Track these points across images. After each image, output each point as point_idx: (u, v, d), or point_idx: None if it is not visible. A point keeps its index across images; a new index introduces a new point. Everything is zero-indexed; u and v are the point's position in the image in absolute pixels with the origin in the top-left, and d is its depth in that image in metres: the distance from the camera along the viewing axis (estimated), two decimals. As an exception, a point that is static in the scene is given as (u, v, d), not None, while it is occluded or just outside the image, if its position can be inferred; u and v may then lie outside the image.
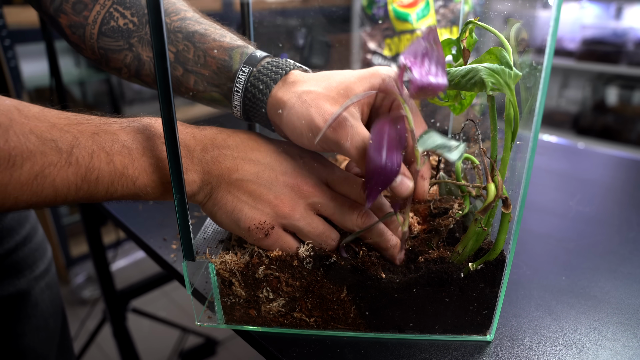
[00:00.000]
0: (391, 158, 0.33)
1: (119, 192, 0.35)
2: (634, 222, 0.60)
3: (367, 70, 0.39)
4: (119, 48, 0.45)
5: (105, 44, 0.45)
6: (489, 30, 0.37)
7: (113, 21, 0.45)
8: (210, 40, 0.43)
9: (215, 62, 0.42)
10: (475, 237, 0.37)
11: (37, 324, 0.56)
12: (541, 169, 0.78)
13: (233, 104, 0.42)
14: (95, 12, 0.45)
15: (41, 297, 0.57)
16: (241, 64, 0.41)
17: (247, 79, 0.41)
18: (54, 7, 0.45)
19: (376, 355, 0.38)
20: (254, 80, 0.40)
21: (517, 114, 0.34)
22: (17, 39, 1.44)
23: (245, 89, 0.41)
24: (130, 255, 1.95)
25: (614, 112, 2.24)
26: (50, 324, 0.59)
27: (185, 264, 0.39)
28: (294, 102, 0.38)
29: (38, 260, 0.58)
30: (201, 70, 0.43)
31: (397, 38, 0.81)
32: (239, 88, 0.41)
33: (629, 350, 0.39)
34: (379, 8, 0.82)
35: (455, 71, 0.35)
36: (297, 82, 0.39)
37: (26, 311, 0.55)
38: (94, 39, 0.45)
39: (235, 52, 0.42)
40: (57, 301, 0.61)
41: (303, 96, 0.38)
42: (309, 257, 0.38)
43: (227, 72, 0.42)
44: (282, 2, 0.98)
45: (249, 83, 0.41)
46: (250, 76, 0.41)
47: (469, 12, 0.76)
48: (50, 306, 0.59)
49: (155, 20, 0.30)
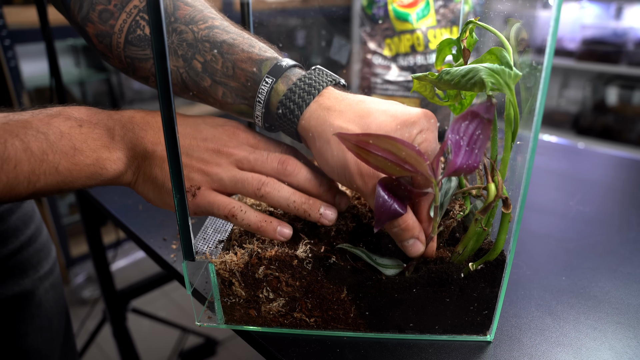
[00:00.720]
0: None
1: (42, 181, 0.34)
2: (634, 222, 0.60)
3: (409, 117, 0.36)
4: (146, 57, 0.45)
5: (132, 52, 0.44)
6: (489, 30, 0.37)
7: (139, 30, 0.44)
8: (239, 52, 0.41)
9: (244, 74, 0.41)
10: (476, 237, 0.37)
11: (40, 324, 0.56)
12: (541, 169, 0.78)
13: (255, 114, 0.41)
14: (122, 20, 0.44)
15: (45, 298, 0.57)
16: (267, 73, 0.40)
17: (270, 91, 0.40)
18: (82, 16, 0.44)
19: (376, 355, 0.38)
20: (285, 100, 0.39)
21: (517, 114, 0.34)
22: (17, 39, 1.44)
23: (271, 103, 0.40)
24: (130, 255, 1.95)
25: (614, 112, 2.24)
26: (54, 324, 0.59)
27: (185, 264, 0.39)
28: (329, 137, 0.37)
29: (42, 261, 0.58)
30: (230, 82, 0.42)
31: (397, 38, 0.81)
32: (261, 99, 0.40)
33: (629, 350, 0.39)
34: (379, 8, 0.82)
35: (455, 71, 0.35)
36: (333, 111, 0.37)
37: (30, 311, 0.55)
38: (120, 48, 0.44)
39: (264, 64, 0.41)
40: (61, 301, 0.61)
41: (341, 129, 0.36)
42: (308, 257, 0.38)
43: (256, 85, 0.41)
44: (282, 2, 0.98)
45: (280, 104, 0.39)
46: (272, 90, 0.39)
47: (469, 12, 0.76)
48: (54, 306, 0.59)
49: (155, 20, 0.30)
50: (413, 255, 0.37)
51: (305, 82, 0.39)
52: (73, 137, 0.35)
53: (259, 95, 0.40)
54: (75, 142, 0.35)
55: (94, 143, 0.36)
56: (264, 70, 0.40)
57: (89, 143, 0.36)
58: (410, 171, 0.32)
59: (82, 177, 0.36)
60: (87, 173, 0.36)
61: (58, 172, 0.34)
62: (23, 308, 0.54)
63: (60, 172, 0.34)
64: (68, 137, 0.35)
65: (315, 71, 0.40)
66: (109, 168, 0.36)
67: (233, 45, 0.41)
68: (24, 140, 0.33)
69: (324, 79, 0.39)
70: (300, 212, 0.38)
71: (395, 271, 0.38)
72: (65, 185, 0.35)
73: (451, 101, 0.45)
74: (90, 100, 1.89)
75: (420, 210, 0.38)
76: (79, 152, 0.35)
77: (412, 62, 0.81)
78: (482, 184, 0.39)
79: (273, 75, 0.39)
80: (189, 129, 0.40)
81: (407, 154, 0.32)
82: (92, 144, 0.36)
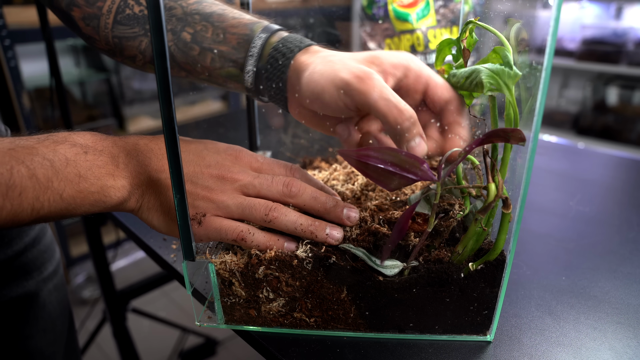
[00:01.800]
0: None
1: (46, 208, 0.34)
2: (634, 222, 0.60)
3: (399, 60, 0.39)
4: (134, 35, 0.46)
5: (120, 32, 0.46)
6: (489, 30, 0.37)
7: (128, 9, 0.45)
8: (230, 19, 0.44)
9: (236, 37, 0.43)
10: (476, 237, 0.37)
11: (44, 325, 0.56)
12: (541, 169, 0.78)
13: (246, 69, 0.42)
14: (110, 1, 0.45)
15: (49, 299, 0.57)
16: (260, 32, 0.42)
17: (264, 44, 0.42)
18: (66, 1, 0.45)
19: (376, 355, 0.38)
20: (279, 46, 0.41)
21: (516, 114, 0.34)
22: (17, 39, 1.44)
23: (263, 55, 0.42)
24: (130, 255, 1.95)
25: (614, 112, 2.24)
26: (58, 326, 0.59)
27: (185, 264, 0.39)
28: (318, 62, 0.39)
29: (47, 262, 0.57)
30: (219, 47, 0.43)
31: (397, 38, 0.81)
32: (254, 52, 0.42)
33: (629, 351, 0.39)
34: (379, 8, 0.82)
35: (460, 72, 0.35)
36: (321, 51, 0.41)
37: (34, 313, 0.55)
38: (108, 29, 0.45)
39: (257, 25, 0.43)
40: (64, 302, 0.61)
41: (328, 57, 0.39)
42: (308, 257, 0.38)
43: (247, 44, 0.43)
44: (282, 2, 0.98)
45: (273, 50, 0.42)
46: (266, 43, 0.42)
47: (469, 12, 0.76)
48: (57, 308, 0.58)
49: (155, 20, 0.30)
50: (420, 155, 0.36)
51: (294, 37, 0.42)
52: (78, 164, 0.35)
53: (252, 49, 0.42)
54: (80, 169, 0.35)
55: (99, 171, 0.36)
56: (257, 30, 0.43)
57: (94, 171, 0.35)
58: (413, 179, 0.33)
59: (85, 204, 0.35)
60: (91, 200, 0.35)
61: (62, 199, 0.34)
62: (27, 310, 0.54)
63: (65, 199, 0.34)
64: (73, 165, 0.35)
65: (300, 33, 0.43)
66: (112, 196, 0.36)
67: (223, 14, 0.44)
68: (30, 167, 0.33)
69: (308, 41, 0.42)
70: (307, 235, 0.39)
71: (395, 271, 0.38)
72: (68, 212, 0.35)
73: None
74: (90, 100, 1.89)
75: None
76: (83, 179, 0.35)
77: (412, 62, 0.81)
78: (482, 184, 0.39)
79: (267, 32, 0.42)
80: (192, 156, 0.39)
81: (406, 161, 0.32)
82: (97, 171, 0.35)
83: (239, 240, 0.38)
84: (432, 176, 0.33)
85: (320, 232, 0.38)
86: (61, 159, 0.34)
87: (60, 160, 0.34)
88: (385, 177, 0.34)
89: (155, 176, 0.38)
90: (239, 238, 0.38)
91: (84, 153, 0.35)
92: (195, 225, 0.38)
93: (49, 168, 0.33)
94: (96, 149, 0.36)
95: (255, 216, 0.38)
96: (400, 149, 0.34)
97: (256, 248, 0.39)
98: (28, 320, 0.54)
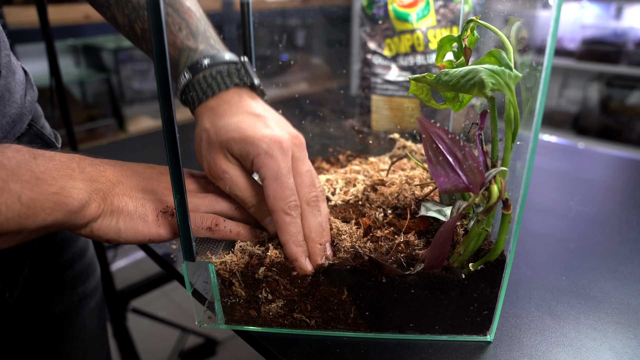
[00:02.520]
0: None
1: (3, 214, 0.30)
2: (634, 222, 0.60)
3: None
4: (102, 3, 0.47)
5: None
6: (489, 28, 0.37)
7: None
8: (169, 32, 0.44)
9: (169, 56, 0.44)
10: (476, 238, 0.37)
11: (84, 348, 0.54)
12: (541, 169, 0.78)
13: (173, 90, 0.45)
14: None
15: (90, 318, 0.55)
16: (185, 67, 0.44)
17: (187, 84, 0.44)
18: None
19: (376, 355, 0.38)
20: (190, 88, 0.44)
21: (517, 114, 0.34)
22: (17, 39, 1.44)
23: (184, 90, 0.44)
24: (130, 255, 1.95)
25: (614, 112, 2.24)
26: (97, 347, 0.56)
27: (186, 264, 0.39)
28: (198, 129, 0.43)
29: (90, 277, 0.56)
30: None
31: (397, 38, 0.81)
32: (179, 87, 0.45)
33: (629, 351, 0.39)
34: (379, 8, 0.82)
35: (454, 72, 0.35)
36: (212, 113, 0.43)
37: (74, 334, 0.53)
38: None
39: (182, 54, 0.45)
40: (103, 322, 0.59)
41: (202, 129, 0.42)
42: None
43: (173, 66, 0.45)
44: (282, 2, 0.98)
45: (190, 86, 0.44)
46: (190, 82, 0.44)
47: (469, 12, 0.76)
48: (98, 328, 0.57)
49: (155, 20, 0.30)
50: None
51: (207, 80, 0.43)
52: (32, 166, 0.32)
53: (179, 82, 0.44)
54: (35, 171, 0.32)
55: (57, 172, 0.33)
56: (182, 59, 0.44)
57: (52, 172, 0.33)
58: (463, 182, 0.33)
59: (45, 209, 0.32)
60: (51, 203, 0.32)
61: (21, 202, 0.30)
62: (67, 330, 0.52)
63: (24, 202, 0.31)
64: (27, 166, 0.32)
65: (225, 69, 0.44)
66: (75, 196, 0.33)
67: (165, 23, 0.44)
68: None
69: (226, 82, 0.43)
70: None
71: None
72: (25, 219, 0.31)
73: (448, 103, 0.45)
74: (90, 100, 1.89)
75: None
76: (41, 181, 0.32)
77: (412, 62, 0.81)
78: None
79: (192, 72, 0.44)
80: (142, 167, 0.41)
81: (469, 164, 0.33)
82: (55, 173, 0.33)
83: (212, 227, 0.40)
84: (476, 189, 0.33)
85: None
86: (12, 161, 0.31)
87: (11, 162, 0.31)
88: (440, 166, 0.34)
89: (116, 180, 0.38)
90: (213, 224, 0.40)
91: (33, 158, 0.33)
92: (169, 217, 0.39)
93: (1, 169, 0.30)
94: (44, 155, 0.34)
95: (221, 203, 0.42)
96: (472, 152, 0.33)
97: (228, 235, 0.41)
98: (67, 342, 0.52)
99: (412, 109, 0.82)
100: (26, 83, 0.46)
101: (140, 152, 0.88)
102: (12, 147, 0.32)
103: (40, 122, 0.49)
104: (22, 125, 0.45)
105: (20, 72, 0.45)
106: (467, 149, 0.33)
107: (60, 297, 0.51)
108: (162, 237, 0.38)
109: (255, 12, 0.58)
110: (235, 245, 0.41)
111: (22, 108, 0.44)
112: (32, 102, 0.47)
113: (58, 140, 0.52)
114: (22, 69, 0.47)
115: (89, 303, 0.55)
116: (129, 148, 0.91)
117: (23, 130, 0.45)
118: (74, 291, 0.53)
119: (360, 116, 0.88)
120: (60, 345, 0.51)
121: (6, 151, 0.32)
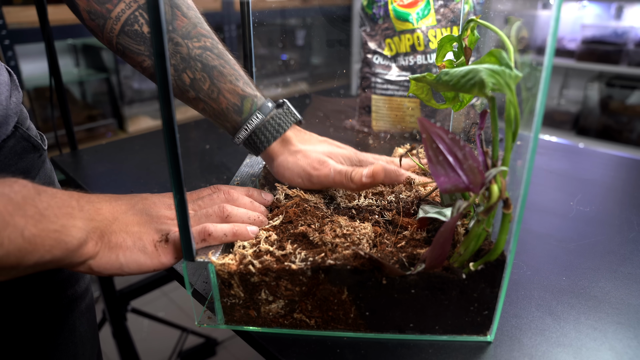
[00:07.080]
0: None
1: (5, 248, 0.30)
2: (634, 222, 0.60)
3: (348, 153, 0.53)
4: (139, 52, 0.48)
5: (126, 42, 0.47)
6: (490, 28, 0.36)
7: (137, 25, 0.46)
8: (227, 82, 0.49)
9: (227, 102, 0.50)
10: (477, 238, 0.37)
11: (74, 350, 0.54)
12: (541, 169, 0.78)
13: (237, 136, 0.51)
14: (120, 9, 0.46)
15: (80, 321, 0.55)
16: (253, 111, 0.50)
17: (258, 125, 0.50)
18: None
19: (376, 355, 0.38)
20: (262, 130, 0.50)
21: (517, 114, 0.34)
22: (16, 38, 1.44)
23: (253, 132, 0.50)
24: (130, 255, 1.95)
25: (614, 112, 2.24)
26: (87, 350, 0.56)
27: (185, 264, 0.39)
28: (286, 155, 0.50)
29: (80, 280, 0.56)
30: (211, 103, 0.50)
31: (397, 38, 0.81)
32: (248, 128, 0.50)
33: (630, 351, 0.39)
34: (379, 8, 0.82)
35: (454, 72, 0.35)
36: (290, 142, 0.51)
37: (64, 337, 0.53)
38: (114, 33, 0.47)
39: (246, 100, 0.50)
40: (94, 324, 0.59)
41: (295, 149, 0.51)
42: (308, 269, 0.38)
43: (235, 114, 0.50)
44: (282, 2, 0.98)
45: (258, 129, 0.50)
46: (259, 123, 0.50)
47: (469, 12, 0.76)
48: (88, 330, 0.57)
49: (155, 20, 0.29)
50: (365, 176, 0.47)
51: (277, 120, 0.51)
52: (36, 202, 0.33)
53: (248, 124, 0.50)
54: (39, 207, 0.32)
55: (59, 210, 0.34)
56: (246, 105, 0.50)
57: (54, 210, 0.34)
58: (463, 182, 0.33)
59: (46, 245, 0.32)
60: (52, 240, 0.32)
61: (23, 238, 0.30)
62: (57, 333, 0.52)
63: (26, 238, 0.31)
64: (32, 202, 0.32)
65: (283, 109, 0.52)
66: (74, 234, 0.34)
67: (222, 73, 0.49)
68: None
69: (290, 119, 0.52)
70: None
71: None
72: (26, 254, 0.31)
73: (448, 103, 0.45)
74: (90, 100, 1.89)
75: None
76: (44, 217, 0.32)
77: (413, 61, 0.81)
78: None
79: (263, 114, 0.50)
80: (136, 200, 0.42)
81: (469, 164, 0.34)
82: (57, 210, 0.34)
83: (206, 236, 0.41)
84: (476, 189, 0.33)
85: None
86: (18, 196, 0.32)
87: (17, 197, 0.31)
88: (441, 166, 0.34)
89: (112, 216, 0.39)
90: (206, 234, 0.41)
91: (38, 194, 0.33)
92: (163, 244, 0.40)
93: (8, 202, 0.30)
94: (47, 192, 0.35)
95: (211, 216, 0.43)
96: (472, 152, 0.33)
97: (223, 238, 0.41)
98: (57, 345, 0.52)
99: (412, 108, 0.82)
100: (11, 84, 0.46)
101: (140, 152, 0.88)
102: (19, 182, 0.33)
103: (26, 124, 0.49)
104: (7, 127, 0.45)
105: (5, 74, 0.46)
106: (468, 148, 0.33)
107: (49, 300, 0.51)
108: (165, 264, 0.40)
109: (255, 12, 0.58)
110: (235, 245, 0.41)
111: (7, 110, 0.44)
112: (17, 104, 0.47)
113: (44, 142, 0.52)
114: (7, 70, 0.47)
115: (79, 306, 0.55)
116: (128, 148, 0.91)
117: (9, 133, 0.46)
118: (64, 294, 0.53)
119: (360, 116, 0.88)
120: (50, 348, 0.51)
121: (13, 185, 0.32)
